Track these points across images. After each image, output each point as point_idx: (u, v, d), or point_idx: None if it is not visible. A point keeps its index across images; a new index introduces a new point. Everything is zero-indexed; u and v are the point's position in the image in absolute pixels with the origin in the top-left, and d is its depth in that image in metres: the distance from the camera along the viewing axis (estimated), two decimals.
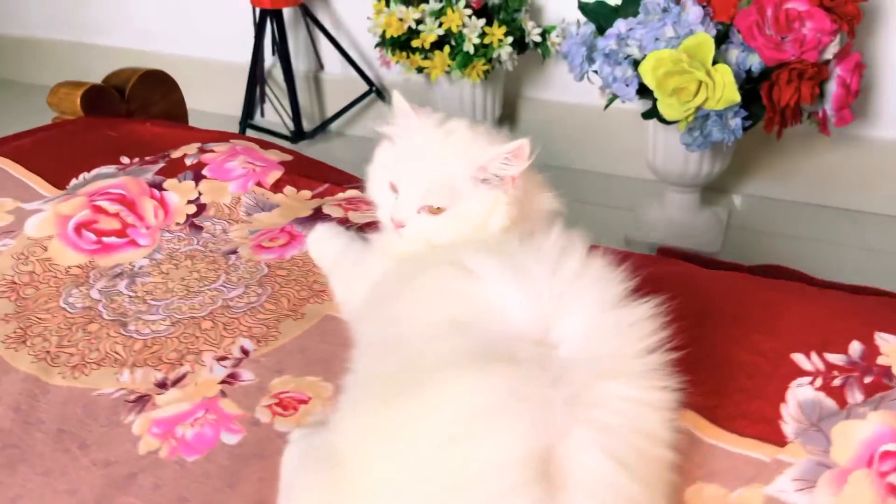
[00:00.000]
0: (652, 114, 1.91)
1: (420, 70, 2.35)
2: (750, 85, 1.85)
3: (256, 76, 2.75)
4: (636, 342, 0.78)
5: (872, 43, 2.05)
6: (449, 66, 2.30)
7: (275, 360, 1.02)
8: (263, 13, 2.68)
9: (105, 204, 1.28)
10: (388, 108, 1.01)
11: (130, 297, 1.14)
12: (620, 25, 1.92)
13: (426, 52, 2.32)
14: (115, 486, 0.86)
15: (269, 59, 2.80)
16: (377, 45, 2.44)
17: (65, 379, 1.00)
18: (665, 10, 1.86)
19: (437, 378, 0.75)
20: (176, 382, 0.99)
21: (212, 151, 1.41)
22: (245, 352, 1.03)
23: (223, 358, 1.02)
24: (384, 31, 2.33)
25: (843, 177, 2.29)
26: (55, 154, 1.43)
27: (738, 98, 1.76)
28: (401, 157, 0.98)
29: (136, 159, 1.43)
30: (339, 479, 0.77)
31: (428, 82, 2.49)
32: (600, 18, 2.04)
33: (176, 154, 1.40)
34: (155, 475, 0.87)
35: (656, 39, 1.86)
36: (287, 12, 2.73)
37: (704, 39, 1.78)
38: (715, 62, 1.77)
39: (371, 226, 1.24)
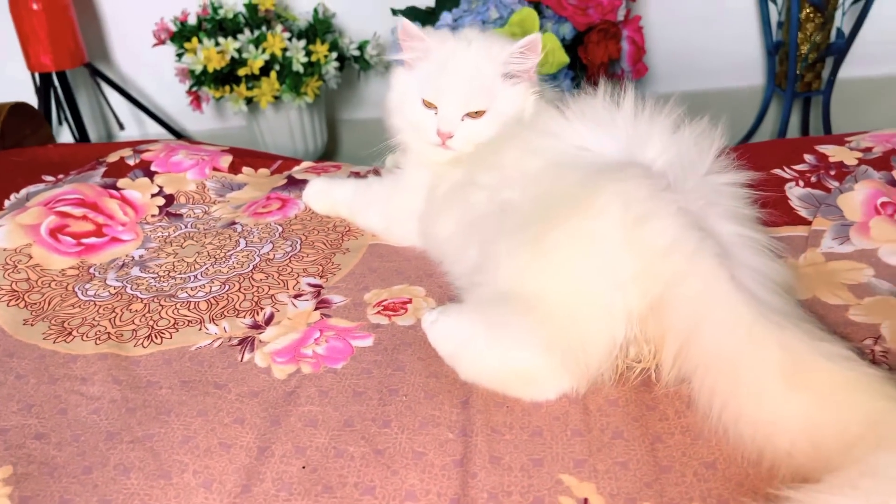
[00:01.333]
0: None
1: (249, 101, 2.36)
2: (567, 52, 2.15)
3: None
4: (708, 148, 0.95)
5: (643, 9, 2.45)
6: (278, 90, 2.34)
7: (352, 282, 1.03)
8: (45, 80, 2.50)
9: (68, 209, 1.17)
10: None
11: (153, 277, 1.07)
12: (447, 18, 2.14)
13: (252, 81, 2.34)
14: (281, 406, 0.83)
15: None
16: (192, 87, 2.41)
17: (146, 348, 0.92)
18: None
19: (587, 193, 0.84)
20: (268, 322, 0.96)
21: (148, 150, 1.35)
22: (315, 286, 1.03)
23: (298, 295, 1.01)
24: (203, 69, 2.31)
25: None
26: None
27: (567, 59, 2.04)
28: (429, 75, 1.05)
29: (61, 175, 1.32)
30: (520, 311, 0.83)
31: (250, 118, 2.50)
32: (417, 20, 2.24)
33: (112, 159, 1.32)
34: (315, 385, 0.85)
35: (484, 23, 2.10)
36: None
37: (529, 13, 2.04)
38: None
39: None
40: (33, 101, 2.49)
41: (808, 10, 2.20)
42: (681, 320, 0.78)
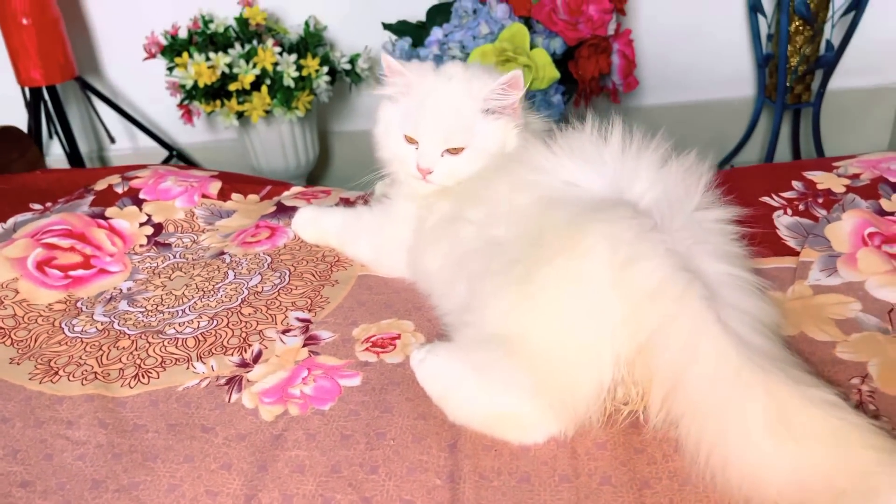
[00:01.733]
0: None
1: (240, 115, 2.35)
2: (557, 67, 2.15)
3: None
4: (695, 183, 0.95)
5: (633, 22, 2.44)
6: (269, 105, 2.34)
7: (341, 317, 1.03)
8: (35, 94, 2.49)
9: (55, 240, 1.17)
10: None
11: (141, 311, 1.06)
12: (437, 33, 2.13)
13: (243, 96, 2.33)
14: (268, 450, 0.82)
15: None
16: (182, 101, 2.40)
17: (133, 388, 0.92)
18: (475, 12, 2.10)
19: (573, 232, 0.84)
20: (256, 360, 0.96)
21: (137, 177, 1.34)
22: (304, 320, 1.02)
23: (287, 330, 1.00)
24: (194, 84, 2.30)
25: None
26: None
27: (558, 74, 2.05)
28: (410, 110, 1.05)
29: (49, 203, 1.31)
30: (507, 353, 0.83)
31: (241, 131, 2.50)
32: (408, 34, 2.24)
33: (100, 186, 1.32)
34: (302, 428, 0.85)
35: (474, 38, 2.10)
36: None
37: (519, 29, 2.04)
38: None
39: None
40: (23, 115, 2.48)
41: (797, 23, 2.21)
42: (668, 364, 0.78)
